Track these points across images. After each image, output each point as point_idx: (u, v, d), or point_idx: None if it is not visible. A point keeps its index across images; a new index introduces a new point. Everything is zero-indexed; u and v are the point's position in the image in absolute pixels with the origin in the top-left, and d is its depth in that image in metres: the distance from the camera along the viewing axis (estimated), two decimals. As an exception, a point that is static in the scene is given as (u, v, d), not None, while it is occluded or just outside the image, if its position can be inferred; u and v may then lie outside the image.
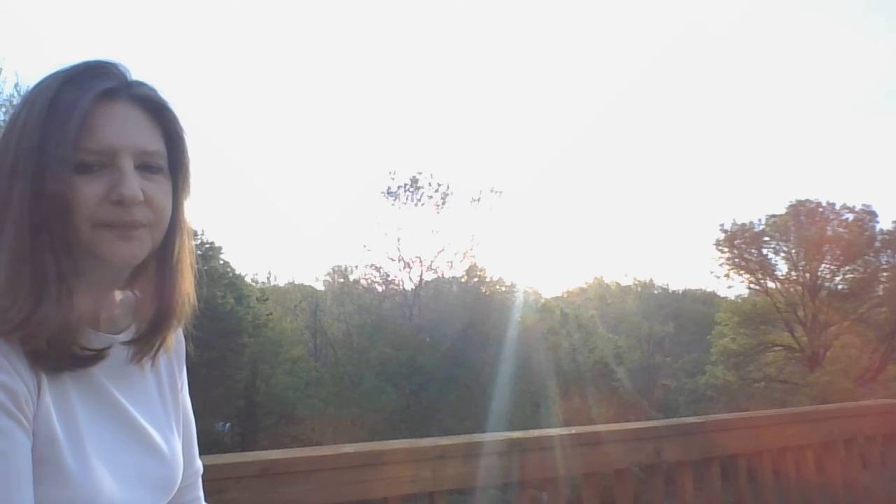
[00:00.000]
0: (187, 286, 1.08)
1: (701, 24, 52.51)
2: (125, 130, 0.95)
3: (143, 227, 0.96)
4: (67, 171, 0.90)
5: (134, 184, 0.94)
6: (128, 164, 0.94)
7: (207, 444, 1.28)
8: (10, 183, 0.90)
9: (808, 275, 28.76)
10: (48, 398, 0.90)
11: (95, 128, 0.93)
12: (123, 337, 1.04)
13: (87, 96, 0.92)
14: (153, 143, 0.99)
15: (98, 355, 0.97)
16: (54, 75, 0.96)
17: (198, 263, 1.11)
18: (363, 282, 30.05)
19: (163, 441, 1.07)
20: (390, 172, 28.03)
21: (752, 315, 28.98)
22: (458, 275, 28.16)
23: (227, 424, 25.56)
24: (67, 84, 0.94)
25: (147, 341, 1.06)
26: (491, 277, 28.74)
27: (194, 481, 1.22)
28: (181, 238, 1.06)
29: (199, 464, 1.24)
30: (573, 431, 2.27)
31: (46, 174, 0.89)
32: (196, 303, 1.10)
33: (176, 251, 1.05)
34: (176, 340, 1.15)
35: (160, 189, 0.98)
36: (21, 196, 0.90)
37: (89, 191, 0.92)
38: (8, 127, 0.94)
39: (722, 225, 30.33)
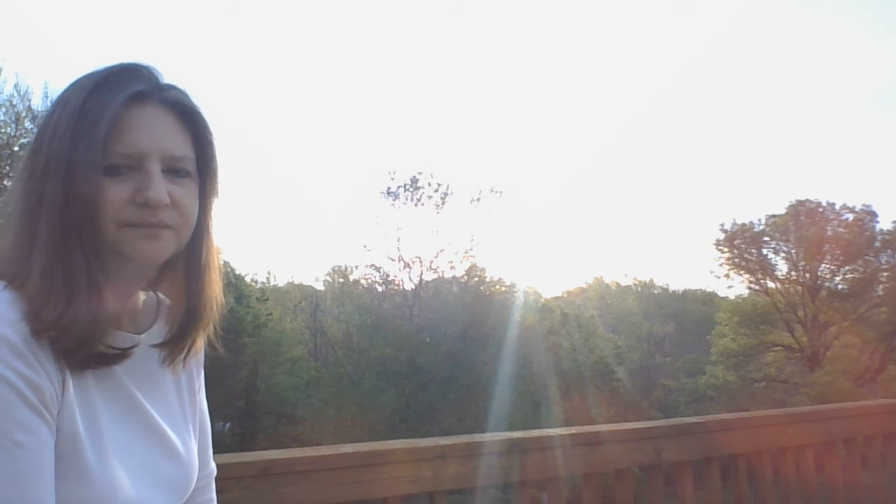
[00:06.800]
0: (216, 288, 1.08)
1: (701, 26, 52.52)
2: (154, 134, 0.96)
3: (169, 229, 0.97)
4: (96, 173, 0.91)
5: (160, 187, 0.95)
6: (155, 168, 0.95)
7: (207, 445, 1.28)
8: (43, 184, 0.92)
9: (808, 275, 28.78)
10: (72, 396, 0.91)
11: (125, 131, 0.94)
12: (146, 337, 1.04)
13: (117, 99, 0.93)
14: (181, 147, 0.99)
15: (123, 354, 0.98)
16: (87, 77, 0.97)
17: (224, 265, 1.11)
18: (363, 282, 30.04)
19: (180, 442, 1.08)
20: (390, 172, 28.09)
21: (752, 315, 29.00)
22: (458, 275, 28.13)
23: (227, 424, 25.54)
24: (99, 87, 0.95)
25: (178, 343, 1.07)
26: (491, 277, 28.75)
27: (208, 483, 1.23)
28: (209, 241, 1.06)
29: (213, 465, 1.25)
30: (573, 431, 2.27)
31: (76, 176, 0.91)
32: (223, 304, 1.11)
33: (204, 253, 1.06)
34: None
35: (187, 193, 0.99)
36: (52, 197, 0.91)
37: (116, 192, 0.93)
38: (41, 128, 0.96)
39: (722, 225, 30.43)
